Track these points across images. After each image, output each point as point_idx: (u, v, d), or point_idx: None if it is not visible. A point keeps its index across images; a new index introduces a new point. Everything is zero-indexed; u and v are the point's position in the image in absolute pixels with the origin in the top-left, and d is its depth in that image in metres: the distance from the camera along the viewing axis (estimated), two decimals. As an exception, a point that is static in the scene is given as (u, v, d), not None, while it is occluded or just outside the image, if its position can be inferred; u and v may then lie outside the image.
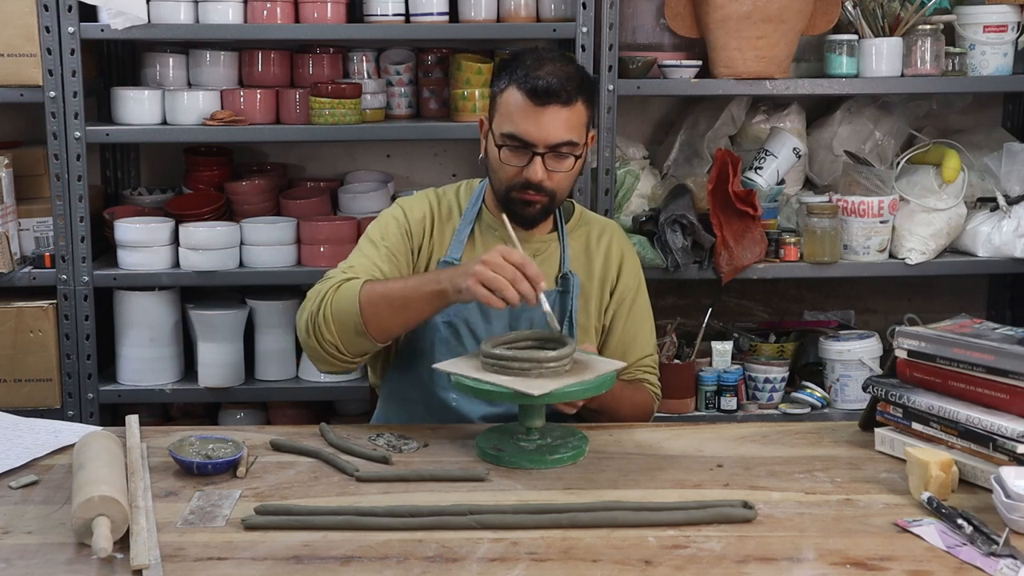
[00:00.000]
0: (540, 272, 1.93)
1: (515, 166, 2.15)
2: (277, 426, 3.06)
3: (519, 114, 2.12)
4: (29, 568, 1.55)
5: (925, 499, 1.72)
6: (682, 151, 3.40)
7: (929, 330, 1.95)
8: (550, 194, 2.17)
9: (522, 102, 2.12)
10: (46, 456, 1.95)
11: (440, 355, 2.20)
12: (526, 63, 2.14)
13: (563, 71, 2.13)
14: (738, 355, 3.29)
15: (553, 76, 2.10)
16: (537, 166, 2.13)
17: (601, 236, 2.34)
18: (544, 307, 1.97)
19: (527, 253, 2.22)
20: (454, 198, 2.32)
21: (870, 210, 3.07)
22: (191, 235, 3.04)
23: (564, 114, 2.11)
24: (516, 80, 2.13)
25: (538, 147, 2.12)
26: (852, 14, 3.12)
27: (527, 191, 2.16)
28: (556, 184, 2.17)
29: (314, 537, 1.63)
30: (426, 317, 2.09)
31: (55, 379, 3.03)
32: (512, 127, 2.13)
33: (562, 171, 2.16)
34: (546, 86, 2.09)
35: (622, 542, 1.62)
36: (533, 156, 2.13)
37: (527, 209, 2.19)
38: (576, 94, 2.13)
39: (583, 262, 2.30)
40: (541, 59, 2.15)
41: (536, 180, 2.14)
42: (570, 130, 2.13)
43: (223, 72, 3.19)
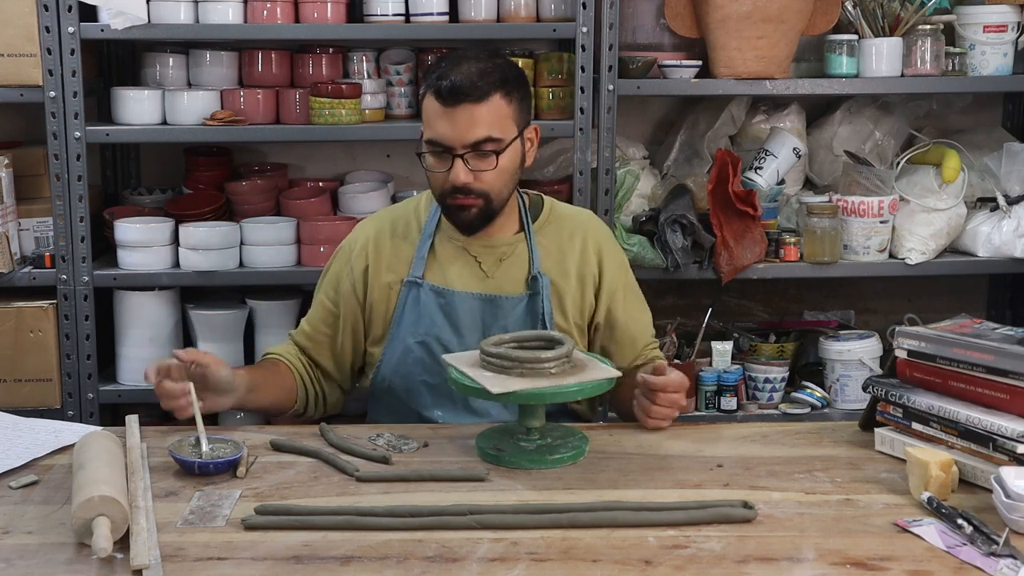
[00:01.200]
0: (174, 389, 2.01)
1: (441, 171, 2.12)
2: (277, 426, 3.05)
3: (434, 118, 2.10)
4: (29, 568, 1.55)
5: (925, 499, 1.72)
6: (682, 151, 3.40)
7: (929, 330, 1.95)
8: (482, 195, 2.12)
9: (435, 106, 2.09)
10: (46, 456, 1.95)
11: (417, 374, 2.21)
12: (441, 65, 2.12)
13: (475, 68, 2.08)
14: (738, 355, 3.29)
15: (462, 74, 2.07)
16: (458, 168, 2.09)
17: (574, 232, 2.28)
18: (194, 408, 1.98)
19: (492, 260, 2.23)
20: (412, 214, 2.29)
21: (870, 210, 3.07)
22: (191, 235, 3.04)
23: (478, 111, 2.07)
24: (429, 85, 2.11)
25: (456, 148, 2.09)
26: (852, 14, 3.12)
27: (456, 196, 2.12)
28: (487, 184, 2.11)
29: (314, 537, 1.63)
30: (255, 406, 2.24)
31: (55, 379, 3.03)
32: (430, 132, 2.11)
33: (487, 169, 2.10)
34: (451, 86, 2.06)
35: (622, 542, 1.62)
36: (453, 159, 2.09)
37: (462, 214, 2.15)
38: (490, 89, 2.08)
39: (556, 260, 2.25)
40: (456, 59, 2.12)
41: (460, 183, 2.10)
42: (489, 126, 2.08)
43: (223, 72, 3.19)
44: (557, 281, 2.24)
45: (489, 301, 2.20)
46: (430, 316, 2.20)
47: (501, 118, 2.10)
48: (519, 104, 2.15)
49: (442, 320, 2.20)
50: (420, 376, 2.21)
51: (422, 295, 2.21)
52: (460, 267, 2.22)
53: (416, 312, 2.21)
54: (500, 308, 2.20)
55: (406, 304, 2.21)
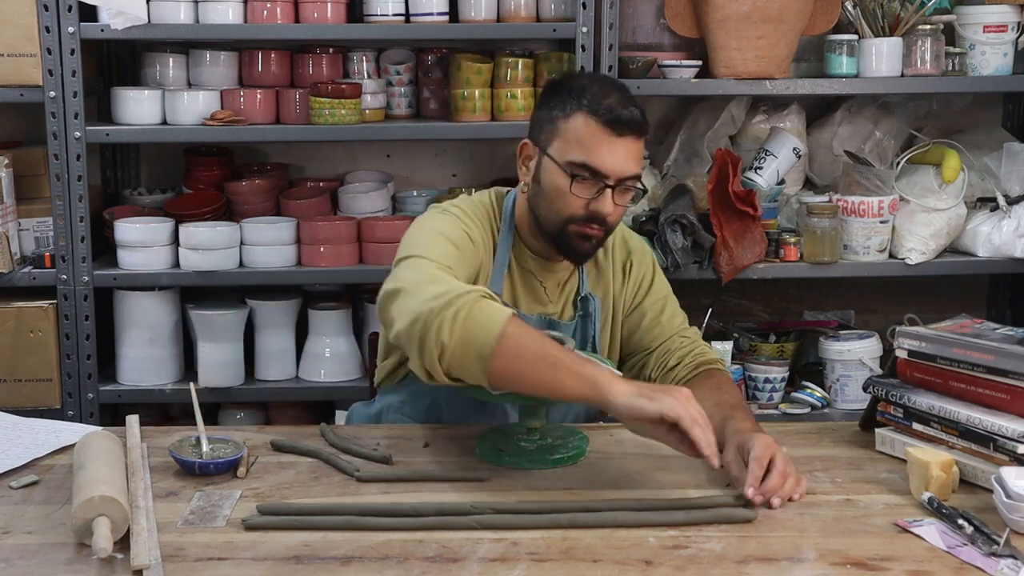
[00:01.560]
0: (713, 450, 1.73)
1: (583, 198, 2.01)
2: (277, 426, 3.07)
3: (593, 143, 1.98)
4: (29, 568, 1.54)
5: (925, 499, 1.72)
6: (682, 151, 3.40)
7: (929, 330, 1.95)
8: (609, 228, 2.06)
9: (597, 131, 1.98)
10: (46, 456, 1.95)
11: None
12: (593, 89, 2.01)
13: (630, 100, 2.02)
14: (738, 355, 3.29)
15: (628, 106, 1.99)
16: (607, 199, 2.00)
17: (607, 244, 2.21)
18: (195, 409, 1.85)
19: (553, 284, 2.16)
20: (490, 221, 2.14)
21: (870, 210, 3.07)
22: (191, 235, 3.04)
23: (637, 146, 2.02)
24: (588, 107, 1.99)
25: (610, 179, 1.99)
26: (852, 14, 3.12)
27: (590, 225, 2.03)
28: (616, 219, 2.06)
29: (314, 537, 1.63)
30: (562, 397, 1.78)
31: (55, 379, 3.03)
32: (585, 156, 1.99)
33: (623, 205, 2.05)
34: (628, 117, 1.98)
35: (622, 542, 1.62)
36: (604, 188, 2.00)
37: (584, 244, 2.06)
38: (645, 125, 2.03)
39: (594, 277, 2.22)
40: (606, 85, 2.04)
41: (605, 213, 2.01)
42: (638, 163, 2.03)
43: (223, 72, 3.19)
44: (602, 299, 2.22)
45: (551, 325, 2.13)
46: None
47: (641, 156, 2.07)
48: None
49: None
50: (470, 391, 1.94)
51: None
52: (525, 289, 2.15)
53: None
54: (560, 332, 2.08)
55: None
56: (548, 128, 2.04)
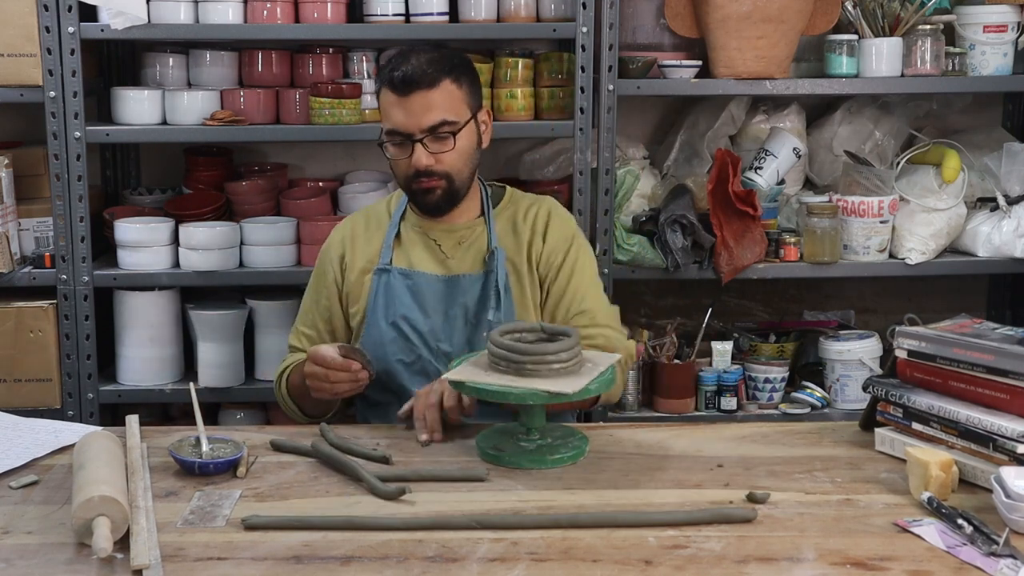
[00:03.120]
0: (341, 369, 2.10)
1: (403, 159, 2.24)
2: (277, 426, 3.06)
3: (391, 108, 2.22)
4: (29, 568, 1.55)
5: (925, 499, 1.72)
6: (682, 151, 3.40)
7: (929, 330, 1.95)
8: (444, 176, 2.24)
9: (391, 97, 2.22)
10: (46, 456, 1.95)
11: (393, 354, 2.30)
12: (392, 62, 2.24)
13: (423, 58, 2.22)
14: (738, 355, 3.29)
15: (410, 65, 2.19)
16: (419, 152, 2.22)
17: (528, 210, 2.39)
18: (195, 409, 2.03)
19: (452, 241, 2.35)
20: (384, 209, 2.42)
21: (870, 210, 3.07)
22: (191, 235, 3.04)
23: (430, 96, 2.20)
24: (383, 79, 2.24)
25: (414, 134, 2.21)
26: (852, 14, 3.12)
27: (420, 179, 2.24)
28: (448, 166, 2.24)
29: (314, 537, 1.63)
30: (335, 394, 2.19)
31: (55, 379, 3.03)
32: (389, 123, 2.23)
33: (446, 151, 2.22)
34: (403, 75, 2.19)
35: (622, 542, 1.62)
36: (413, 144, 2.21)
37: (428, 197, 2.27)
38: (439, 75, 2.20)
39: (511, 240, 2.35)
40: (405, 53, 2.25)
41: (422, 167, 2.22)
42: (443, 110, 2.21)
43: (223, 72, 3.19)
44: (513, 256, 2.34)
45: (449, 281, 2.31)
46: (399, 298, 2.31)
47: (454, 101, 2.23)
48: (469, 88, 2.28)
49: (410, 301, 2.30)
50: (396, 356, 2.30)
51: (391, 279, 2.32)
52: (422, 250, 2.34)
53: (387, 296, 2.32)
54: (459, 287, 2.31)
55: (378, 290, 2.32)
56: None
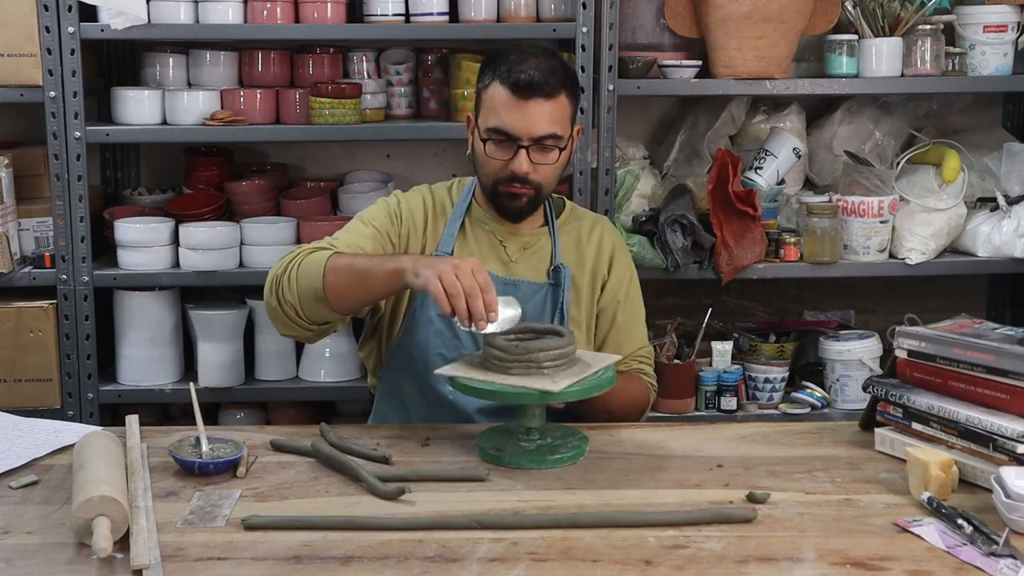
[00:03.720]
0: (495, 301, 1.91)
1: (500, 160, 2.19)
2: (277, 426, 3.06)
3: (503, 108, 2.16)
4: (29, 568, 1.55)
5: (925, 499, 1.72)
6: (682, 151, 3.40)
7: (929, 330, 1.95)
8: (536, 187, 2.21)
9: (506, 96, 2.16)
10: (46, 456, 1.95)
11: (436, 348, 2.24)
12: (509, 58, 2.19)
13: (545, 65, 2.17)
14: (738, 355, 3.29)
15: (535, 70, 2.15)
16: (522, 159, 2.17)
17: (592, 230, 2.37)
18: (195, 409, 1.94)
19: (517, 247, 2.30)
20: (446, 194, 2.36)
21: (870, 210, 3.07)
22: (191, 235, 3.04)
23: (547, 107, 2.16)
24: (499, 75, 2.17)
25: (523, 140, 2.17)
26: (852, 14, 3.12)
27: (513, 184, 2.20)
28: (542, 177, 2.21)
29: (314, 537, 1.63)
30: (383, 295, 2.14)
31: (55, 379, 3.03)
32: (497, 121, 2.17)
33: (547, 164, 2.20)
34: (528, 79, 2.14)
35: (622, 542, 1.62)
36: (518, 149, 2.17)
37: (514, 202, 2.23)
38: (559, 87, 2.17)
39: (574, 255, 2.33)
40: (524, 54, 2.19)
41: (521, 173, 2.18)
42: (554, 123, 2.17)
43: (223, 72, 3.19)
44: (576, 275, 2.32)
45: (511, 285, 2.26)
46: None
47: (565, 116, 2.20)
48: (575, 104, 2.25)
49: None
50: (438, 349, 2.24)
51: None
52: (486, 250, 2.30)
53: None
54: (521, 293, 2.25)
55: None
56: (477, 101, 2.25)
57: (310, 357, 3.17)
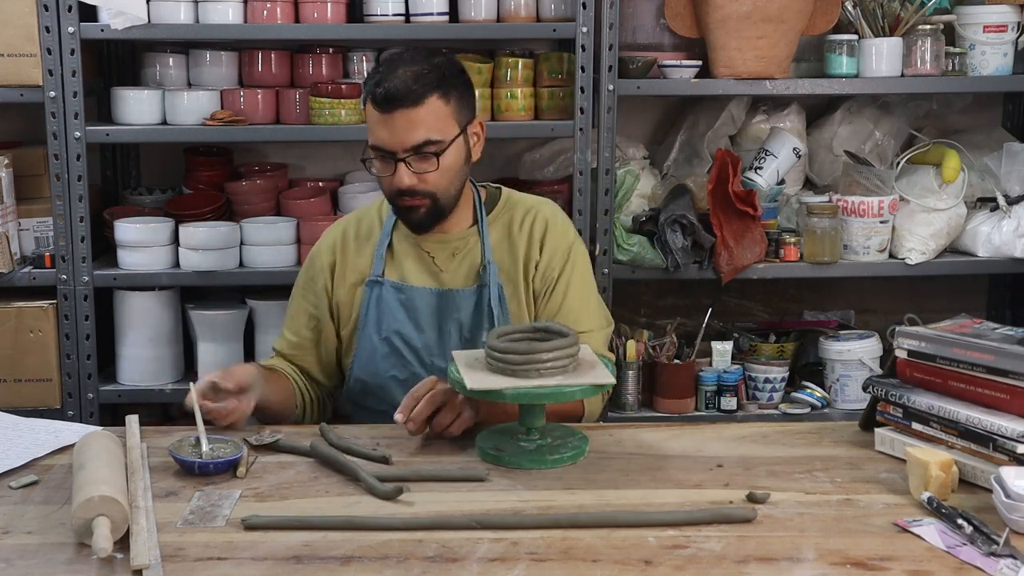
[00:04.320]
0: (193, 395, 1.97)
1: (386, 176, 2.16)
2: (277, 426, 3.06)
3: (374, 124, 2.14)
4: (29, 568, 1.55)
5: (925, 499, 1.72)
6: (682, 151, 3.40)
7: (929, 330, 1.95)
8: (430, 195, 2.17)
9: (374, 112, 2.13)
10: (46, 456, 1.95)
11: (386, 370, 2.26)
12: (379, 71, 2.15)
13: (410, 72, 2.11)
14: (738, 355, 3.29)
15: (397, 79, 2.09)
16: (401, 172, 2.13)
17: (524, 217, 2.31)
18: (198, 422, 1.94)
19: (445, 253, 2.27)
20: (375, 215, 2.35)
21: (870, 210, 3.07)
22: (191, 235, 3.04)
23: (415, 114, 2.10)
24: (368, 92, 2.14)
25: (397, 153, 2.12)
26: (852, 14, 3.12)
27: (403, 198, 2.17)
28: (432, 185, 2.16)
29: (314, 537, 1.63)
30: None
31: (55, 379, 3.03)
32: (372, 138, 2.15)
33: (430, 170, 2.14)
34: (385, 92, 2.09)
35: (622, 542, 1.62)
36: (396, 163, 2.13)
37: (412, 215, 2.20)
38: (425, 91, 2.10)
39: (506, 248, 2.28)
40: (392, 64, 2.14)
41: (404, 186, 2.14)
42: (428, 129, 2.11)
43: (223, 72, 3.19)
44: (508, 268, 2.28)
45: (442, 296, 2.26)
46: (391, 312, 2.26)
47: (439, 119, 2.13)
48: (458, 102, 2.17)
49: (403, 316, 2.26)
50: (389, 372, 2.26)
51: (384, 292, 2.27)
52: (414, 263, 2.28)
53: (379, 310, 2.27)
54: (452, 302, 2.26)
55: (370, 303, 2.27)
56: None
57: (310, 357, 3.17)
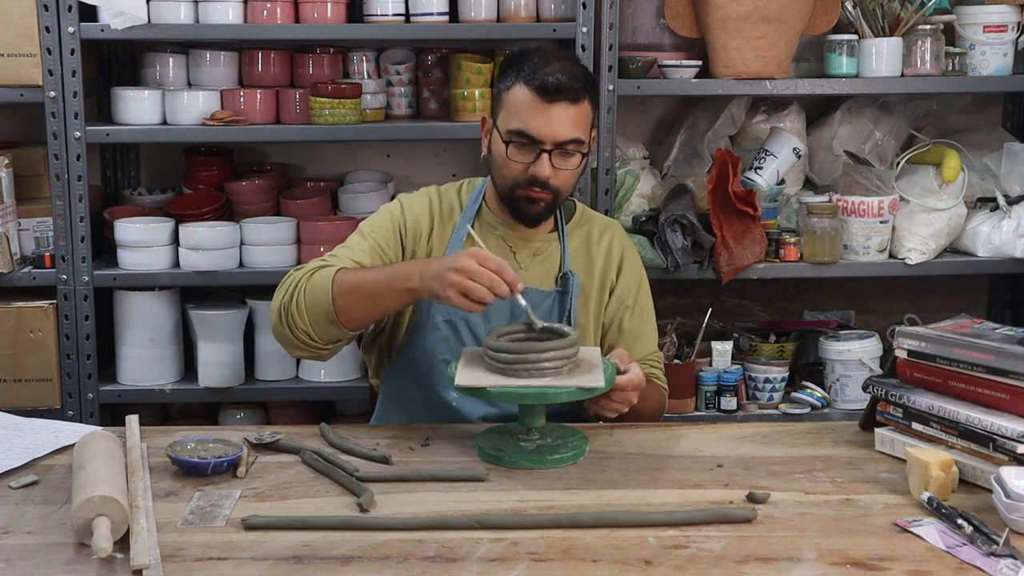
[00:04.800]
0: (516, 276, 1.93)
1: (521, 163, 2.15)
2: (277, 426, 3.06)
3: (527, 110, 2.12)
4: (29, 568, 1.55)
5: (925, 499, 1.72)
6: (682, 151, 3.40)
7: (929, 330, 1.95)
8: (555, 191, 2.17)
9: (530, 99, 2.12)
10: (46, 456, 1.95)
11: (441, 353, 2.22)
12: (533, 60, 2.15)
13: (570, 69, 2.14)
14: (738, 355, 3.29)
15: (561, 73, 2.11)
16: (544, 163, 2.13)
17: (603, 235, 2.34)
18: (522, 303, 1.95)
19: (527, 253, 2.27)
20: (455, 196, 2.32)
21: (870, 210, 3.07)
22: (191, 235, 3.04)
23: (571, 111, 2.12)
24: (524, 77, 2.13)
25: (545, 144, 2.13)
26: (852, 14, 3.12)
27: (532, 188, 2.16)
28: (561, 182, 2.17)
29: (314, 537, 1.63)
30: (397, 310, 2.16)
31: (55, 379, 3.03)
32: (520, 123, 2.13)
33: (568, 169, 2.16)
34: (555, 83, 2.10)
35: (622, 542, 1.62)
36: (540, 153, 2.13)
37: (531, 207, 2.19)
38: (583, 92, 2.14)
39: (583, 261, 2.30)
40: (548, 57, 2.16)
41: (543, 177, 2.14)
42: (577, 128, 2.14)
43: (223, 72, 3.19)
44: (584, 281, 2.29)
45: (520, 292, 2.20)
46: None
47: (587, 122, 2.17)
48: (596, 110, 2.24)
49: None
50: (443, 355, 2.23)
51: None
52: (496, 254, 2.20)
53: None
54: (529, 300, 2.18)
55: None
56: (497, 102, 2.21)
57: (310, 357, 3.17)
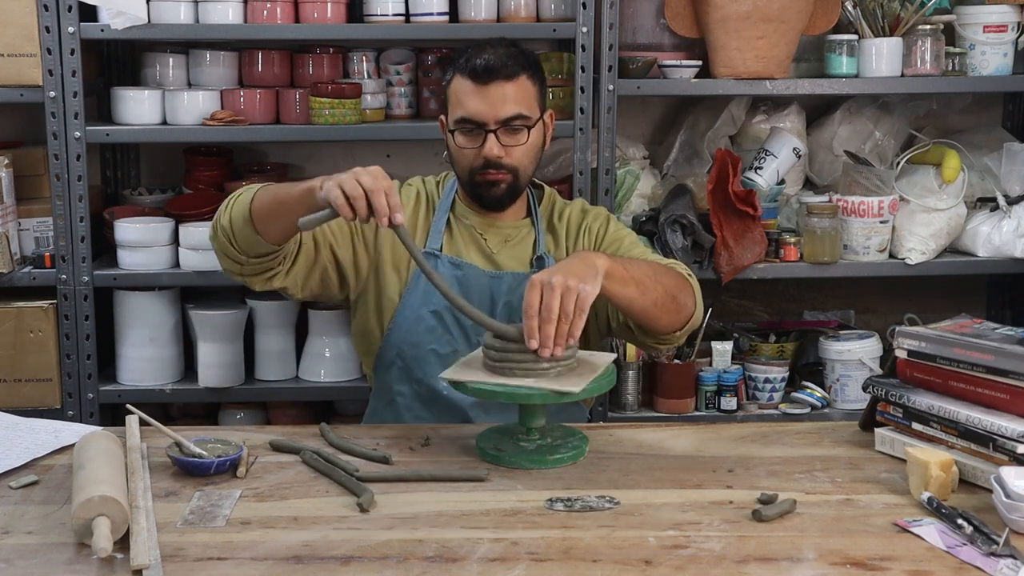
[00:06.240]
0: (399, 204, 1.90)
1: (472, 148, 2.23)
2: (277, 426, 3.06)
3: (466, 97, 2.20)
4: (29, 568, 1.55)
5: (925, 499, 1.72)
6: (682, 151, 3.40)
7: (929, 330, 1.95)
8: (512, 171, 2.23)
9: (467, 85, 2.20)
10: (46, 456, 1.95)
11: (427, 343, 2.25)
12: (467, 52, 2.24)
13: (502, 50, 2.22)
14: (738, 355, 3.29)
15: (491, 55, 2.19)
16: (491, 143, 2.20)
17: (563, 211, 2.38)
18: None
19: (498, 240, 2.32)
20: (435, 188, 2.39)
21: (870, 210, 3.07)
22: (191, 235, 3.04)
23: (508, 88, 2.19)
24: (459, 68, 2.22)
25: (489, 124, 2.20)
26: (852, 14, 3.12)
27: (487, 171, 2.22)
28: (516, 160, 2.23)
29: (314, 537, 1.63)
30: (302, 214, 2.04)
31: (55, 379, 3.03)
32: (462, 111, 2.21)
33: (518, 145, 2.22)
34: (485, 64, 2.19)
35: (622, 542, 1.62)
36: (486, 134, 2.20)
37: (492, 190, 2.25)
38: (518, 69, 2.21)
39: (551, 242, 2.35)
40: (481, 45, 2.25)
41: (493, 156, 2.20)
42: (518, 103, 2.20)
43: (223, 72, 3.19)
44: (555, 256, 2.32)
45: (495, 277, 2.28)
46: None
47: (528, 97, 2.23)
48: (540, 88, 2.28)
49: (457, 291, 2.20)
50: (430, 344, 2.26)
51: (439, 267, 2.28)
52: (469, 243, 2.32)
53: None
54: (504, 284, 2.28)
55: (421, 274, 2.23)
56: (444, 101, 2.29)
57: (310, 357, 3.17)
